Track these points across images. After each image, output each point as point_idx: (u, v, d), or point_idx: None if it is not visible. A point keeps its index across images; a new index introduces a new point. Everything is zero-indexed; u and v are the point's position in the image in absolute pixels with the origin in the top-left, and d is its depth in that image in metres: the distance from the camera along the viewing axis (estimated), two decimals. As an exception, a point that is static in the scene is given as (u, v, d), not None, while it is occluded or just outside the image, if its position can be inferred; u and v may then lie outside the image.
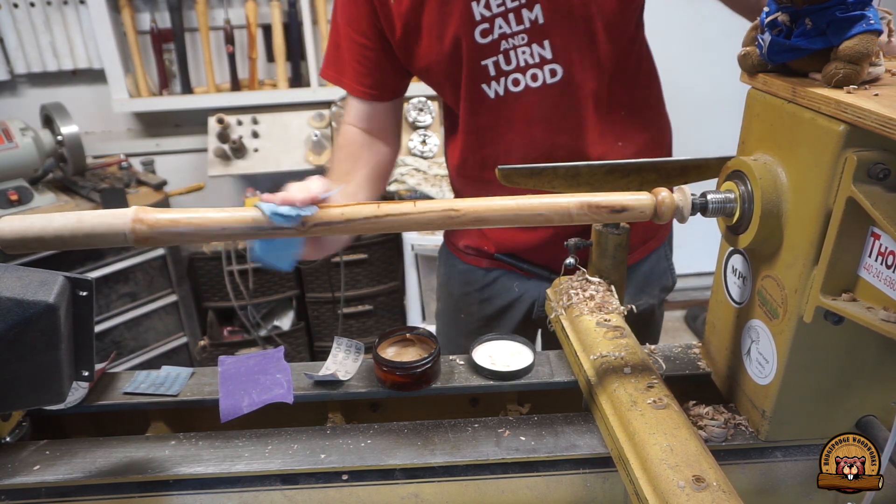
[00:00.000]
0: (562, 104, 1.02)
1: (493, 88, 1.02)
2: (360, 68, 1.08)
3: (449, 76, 1.04)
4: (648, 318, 1.25)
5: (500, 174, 0.88)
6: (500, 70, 1.01)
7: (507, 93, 1.02)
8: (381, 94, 1.11)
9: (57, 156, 1.99)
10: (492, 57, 1.00)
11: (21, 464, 0.75)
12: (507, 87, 1.02)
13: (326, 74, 1.13)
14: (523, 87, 1.01)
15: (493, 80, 1.02)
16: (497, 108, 1.04)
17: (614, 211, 0.68)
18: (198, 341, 2.37)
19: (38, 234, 0.62)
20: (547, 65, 1.00)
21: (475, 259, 1.24)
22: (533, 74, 1.00)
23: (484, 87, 1.03)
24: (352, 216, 0.68)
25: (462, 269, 1.27)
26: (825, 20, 0.60)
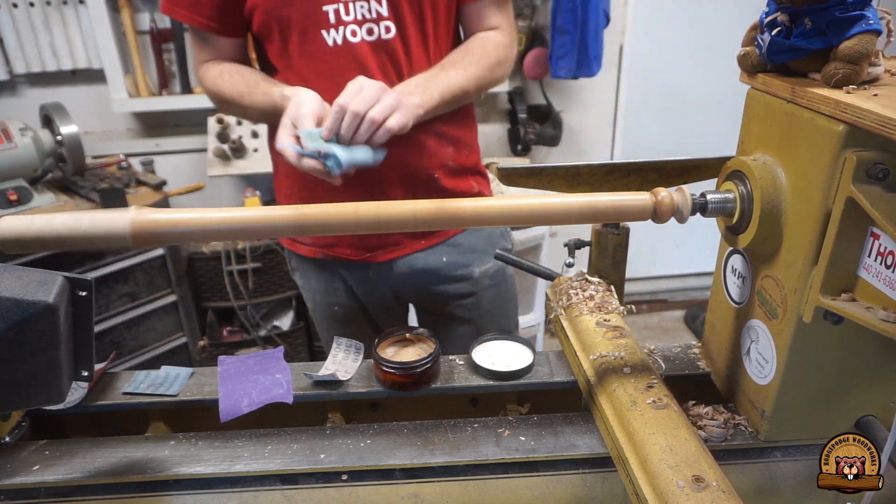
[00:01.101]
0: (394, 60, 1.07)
1: (332, 36, 1.04)
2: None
3: (279, 18, 1.04)
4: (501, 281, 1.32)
5: (500, 174, 0.88)
6: (339, 19, 1.04)
7: (346, 42, 1.05)
8: (222, 28, 1.09)
9: (56, 156, 1.99)
10: (333, 4, 1.03)
11: (21, 464, 0.75)
12: (346, 36, 1.05)
13: (163, 8, 1.10)
14: (359, 40, 1.05)
15: (333, 27, 1.04)
16: (336, 57, 1.06)
17: (614, 211, 0.68)
18: (197, 341, 2.37)
19: (37, 235, 0.62)
20: (382, 21, 1.05)
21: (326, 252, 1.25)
22: (369, 28, 1.05)
23: (324, 33, 1.04)
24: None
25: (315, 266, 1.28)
26: (825, 20, 0.60)
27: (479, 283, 1.27)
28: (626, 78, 2.73)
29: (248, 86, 1.07)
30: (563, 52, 2.35)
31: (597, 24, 2.33)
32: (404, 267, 1.23)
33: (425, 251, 1.23)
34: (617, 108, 2.79)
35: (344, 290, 1.28)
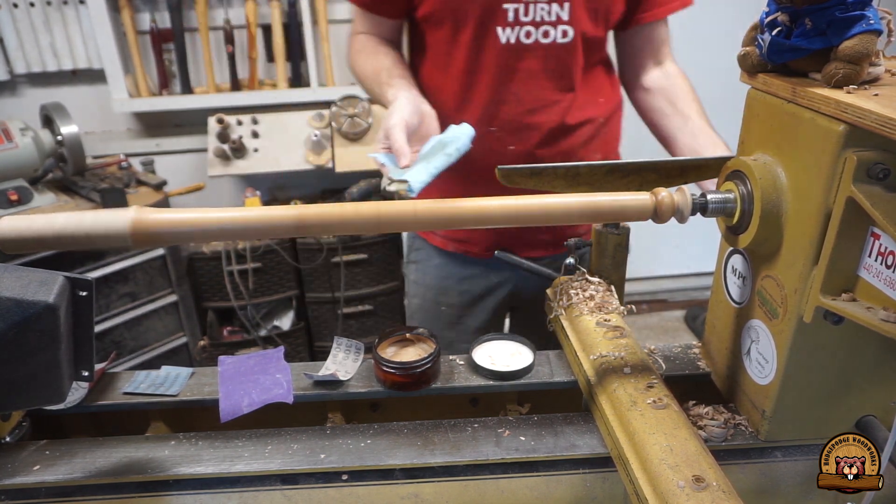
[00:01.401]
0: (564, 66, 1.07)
1: (507, 34, 1.04)
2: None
3: (455, 9, 1.04)
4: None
5: (500, 174, 0.88)
6: (517, 18, 1.03)
7: (518, 42, 1.05)
8: (385, 8, 1.11)
9: (57, 156, 1.99)
10: (514, 3, 1.02)
11: (21, 464, 0.75)
12: (520, 37, 1.04)
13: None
14: (533, 41, 1.05)
15: (510, 26, 1.03)
16: (505, 56, 1.06)
17: (614, 211, 0.68)
18: (198, 341, 2.37)
19: (37, 235, 0.62)
20: (561, 25, 1.04)
21: (457, 246, 1.26)
22: (545, 31, 1.04)
23: (499, 30, 1.04)
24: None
25: (438, 262, 1.29)
26: (825, 20, 0.60)
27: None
28: (627, 78, 2.73)
29: (375, 73, 1.08)
30: (563, 52, 2.35)
31: (597, 24, 2.33)
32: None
33: (553, 256, 1.23)
34: (617, 108, 2.79)
35: (458, 292, 1.28)
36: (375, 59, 1.10)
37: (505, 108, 1.08)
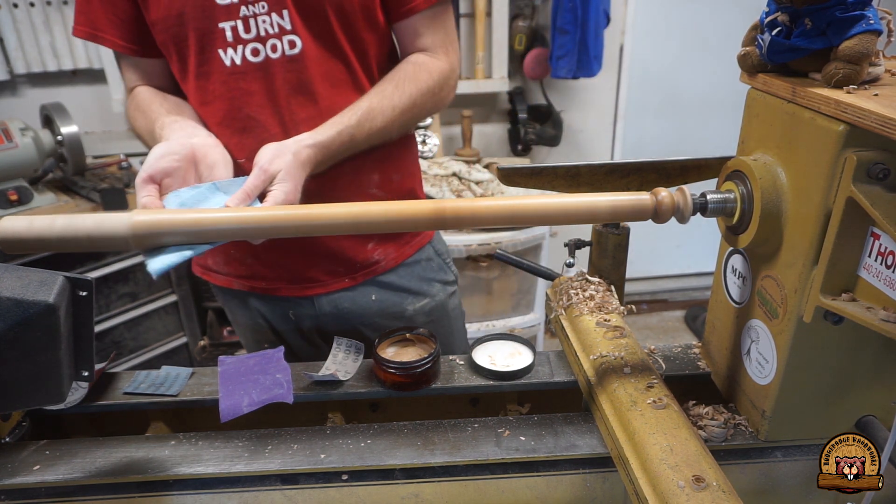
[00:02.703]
0: (303, 79, 0.97)
1: (230, 56, 0.95)
2: (115, 20, 0.97)
3: (175, 36, 0.95)
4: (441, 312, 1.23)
5: (500, 174, 0.88)
6: (237, 36, 0.94)
7: (245, 62, 0.95)
8: (144, 50, 1.00)
9: (57, 156, 1.99)
10: (230, 21, 0.93)
11: (21, 464, 0.75)
12: (245, 55, 0.95)
13: (79, 32, 0.99)
14: (262, 59, 0.95)
15: (231, 46, 0.94)
16: (235, 79, 0.96)
17: (614, 211, 0.68)
18: (198, 341, 2.37)
19: (38, 236, 0.62)
20: (286, 35, 0.94)
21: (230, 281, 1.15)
22: (273, 45, 0.94)
23: (220, 52, 0.94)
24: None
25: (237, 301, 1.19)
26: (825, 20, 0.60)
27: (413, 321, 1.18)
28: (626, 78, 2.73)
29: (150, 132, 0.96)
30: (563, 52, 2.35)
31: (597, 23, 2.33)
32: (328, 306, 1.13)
33: (352, 290, 1.13)
34: (617, 108, 2.79)
35: (267, 327, 1.18)
36: (149, 113, 0.98)
37: (250, 136, 0.98)
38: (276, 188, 0.82)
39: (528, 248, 2.32)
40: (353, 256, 1.10)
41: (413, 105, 0.99)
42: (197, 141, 0.86)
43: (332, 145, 0.91)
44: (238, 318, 1.22)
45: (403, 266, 1.16)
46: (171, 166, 0.81)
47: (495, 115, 2.69)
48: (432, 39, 1.04)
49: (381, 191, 1.09)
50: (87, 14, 0.98)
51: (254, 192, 0.80)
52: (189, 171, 0.83)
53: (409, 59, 1.03)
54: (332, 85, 0.98)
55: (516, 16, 2.48)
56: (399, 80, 0.99)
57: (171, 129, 0.90)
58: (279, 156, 0.84)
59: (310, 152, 0.88)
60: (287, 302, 1.14)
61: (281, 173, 0.83)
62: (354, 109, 0.94)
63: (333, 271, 1.11)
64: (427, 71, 1.01)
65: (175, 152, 0.82)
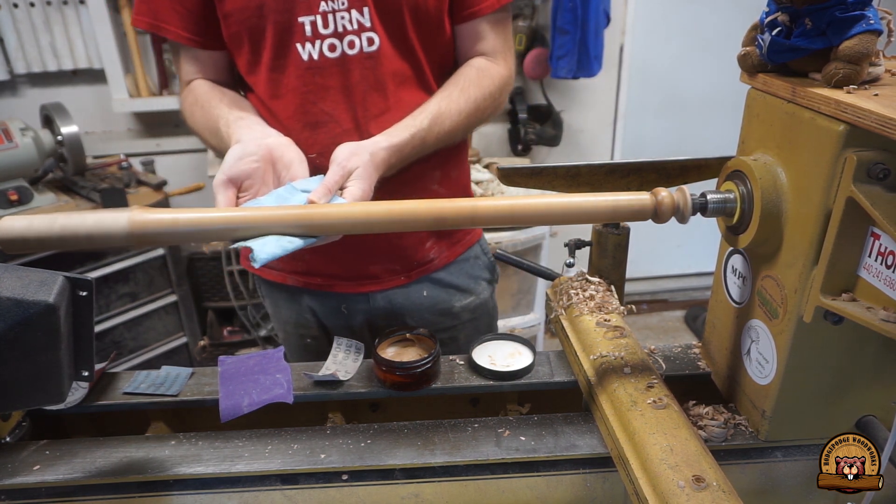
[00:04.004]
0: (378, 75, 0.98)
1: (308, 50, 0.95)
2: (181, 10, 0.97)
3: (251, 28, 0.95)
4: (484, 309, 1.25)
5: (500, 174, 0.88)
6: (316, 31, 0.94)
7: (322, 57, 0.96)
8: (207, 41, 1.00)
9: (57, 156, 1.99)
10: (309, 15, 0.94)
11: (21, 464, 0.75)
12: (323, 51, 0.95)
13: (140, 22, 0.99)
14: (339, 54, 0.96)
15: (309, 41, 0.95)
16: (311, 73, 0.97)
17: (614, 211, 0.68)
18: (198, 341, 2.37)
19: (37, 235, 0.62)
20: (365, 32, 0.95)
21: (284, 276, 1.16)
22: (350, 41, 0.95)
23: (298, 46, 0.95)
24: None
25: (285, 295, 1.19)
26: (825, 20, 0.60)
27: (459, 317, 1.20)
28: (626, 78, 2.73)
29: (213, 130, 0.96)
30: (563, 52, 2.35)
31: (597, 23, 2.33)
32: (382, 301, 1.14)
33: (406, 287, 1.14)
34: (617, 108, 2.79)
35: (315, 323, 1.19)
36: (211, 110, 0.97)
37: (323, 131, 0.99)
38: (351, 185, 0.83)
39: (528, 248, 2.32)
40: (411, 254, 1.12)
41: (477, 109, 1.01)
42: (272, 141, 0.86)
43: (406, 148, 0.92)
44: (283, 314, 1.21)
45: (455, 263, 1.18)
46: (250, 167, 0.81)
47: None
48: (493, 44, 1.06)
49: (442, 187, 1.11)
50: (150, 4, 0.97)
51: (334, 188, 0.81)
52: (267, 172, 0.84)
53: (472, 64, 1.05)
54: (401, 83, 1.00)
55: (516, 16, 2.48)
56: (464, 85, 1.01)
57: (237, 126, 0.90)
58: (357, 154, 0.85)
59: (385, 154, 0.89)
60: (341, 297, 1.15)
61: (358, 170, 0.84)
62: (424, 112, 0.96)
63: (391, 269, 1.12)
64: (489, 76, 1.04)
65: (252, 153, 0.82)
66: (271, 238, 0.68)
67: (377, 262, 1.11)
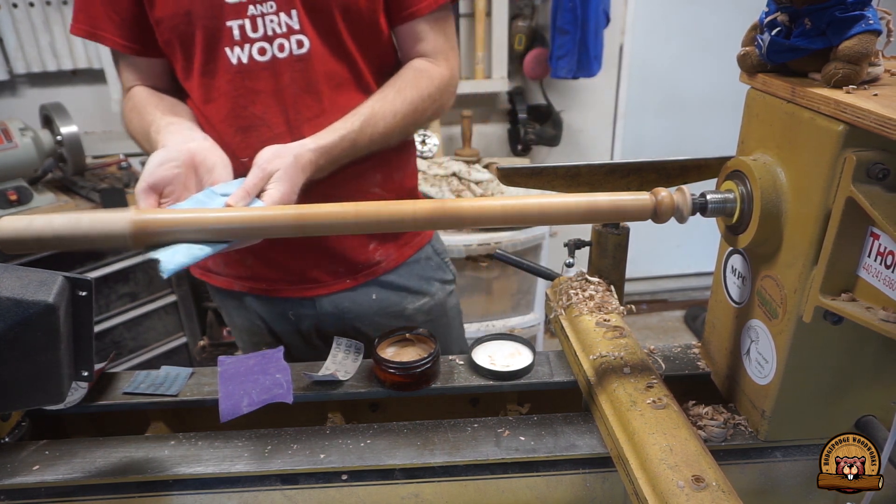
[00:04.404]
0: (310, 78, 0.97)
1: (237, 54, 0.94)
2: (116, 18, 0.96)
3: (181, 35, 0.94)
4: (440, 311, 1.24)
5: (500, 174, 0.88)
6: (245, 35, 0.94)
7: (252, 61, 0.95)
8: (144, 49, 0.99)
9: (56, 156, 1.99)
10: (237, 20, 0.93)
11: (21, 464, 0.75)
12: (252, 55, 0.95)
13: (78, 30, 0.98)
14: (269, 58, 0.95)
15: (238, 45, 0.94)
16: (241, 78, 0.96)
17: (614, 211, 0.68)
18: (197, 341, 2.37)
19: (37, 235, 0.62)
20: (294, 35, 0.95)
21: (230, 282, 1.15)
22: (280, 45, 0.95)
23: (227, 51, 0.94)
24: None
25: (235, 302, 1.18)
26: (824, 20, 0.60)
27: (413, 319, 1.18)
28: (626, 78, 2.73)
29: (145, 135, 0.95)
30: (563, 52, 2.35)
31: (597, 23, 2.33)
32: (329, 306, 1.13)
33: (353, 290, 1.13)
34: (617, 108, 2.79)
35: (265, 329, 1.18)
36: (144, 115, 0.97)
37: (254, 134, 0.98)
38: (271, 187, 0.82)
39: (528, 248, 2.32)
40: (355, 257, 1.10)
41: (414, 111, 1.00)
42: (194, 145, 0.85)
43: (335, 150, 0.91)
44: (235, 321, 1.21)
45: (404, 265, 1.16)
46: (171, 173, 0.80)
47: (495, 115, 2.69)
48: (433, 45, 1.04)
49: (382, 190, 1.09)
50: (87, 12, 0.97)
51: (253, 191, 0.80)
52: (189, 177, 0.83)
53: (411, 65, 1.04)
54: (336, 85, 0.99)
55: (516, 16, 2.48)
56: (400, 86, 0.99)
57: (167, 132, 0.89)
58: (279, 156, 0.84)
59: (311, 156, 0.88)
60: (287, 303, 1.14)
61: (279, 173, 0.83)
62: (357, 114, 0.95)
63: (335, 272, 1.11)
64: (428, 77, 1.02)
65: (173, 159, 0.81)
66: (182, 246, 0.67)
67: (320, 265, 1.10)
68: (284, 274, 1.11)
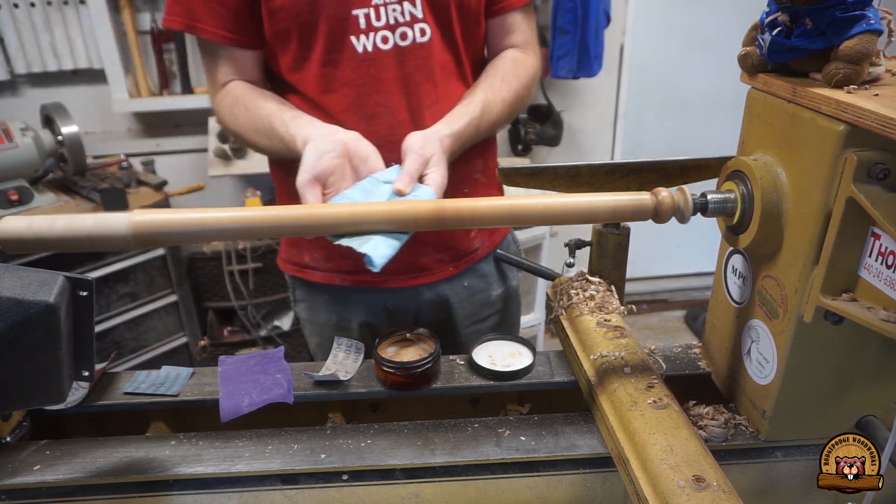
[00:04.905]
0: (428, 67, 0.99)
1: (362, 43, 0.95)
2: (219, 9, 0.96)
3: (301, 23, 0.94)
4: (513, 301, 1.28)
5: (500, 174, 0.88)
6: (370, 24, 0.95)
7: (376, 49, 0.96)
8: (245, 39, 0.99)
9: (57, 156, 1.99)
10: (363, 8, 0.94)
11: (21, 464, 0.75)
12: (377, 43, 0.96)
13: (173, 22, 0.97)
14: (391, 46, 0.97)
15: (363, 33, 0.95)
16: (366, 66, 0.97)
17: (614, 211, 0.68)
18: (198, 341, 2.37)
19: (38, 235, 0.62)
20: (417, 24, 0.97)
21: (330, 276, 1.14)
22: (402, 33, 0.97)
23: (352, 39, 0.95)
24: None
25: (327, 297, 1.17)
26: (825, 20, 0.60)
27: (494, 305, 1.23)
28: (626, 78, 2.73)
29: (266, 127, 0.95)
30: (563, 52, 2.35)
31: (597, 23, 2.33)
32: (430, 294, 1.15)
33: (452, 278, 1.15)
34: (617, 108, 2.79)
35: (357, 326, 1.17)
36: (256, 110, 0.96)
37: (378, 122, 0.99)
38: (432, 171, 0.85)
39: (528, 248, 2.32)
40: (458, 244, 1.14)
41: (517, 98, 1.04)
42: (344, 136, 0.86)
43: (464, 135, 0.95)
44: (321, 317, 1.19)
45: (491, 253, 1.20)
46: (331, 164, 0.82)
47: (495, 115, 2.69)
48: (524, 37, 1.09)
49: (483, 176, 1.14)
50: (184, 4, 0.96)
51: (416, 175, 0.83)
52: (346, 167, 0.84)
53: (506, 56, 1.07)
54: (447, 74, 1.03)
55: (516, 16, 2.48)
56: (504, 75, 1.03)
57: (296, 125, 0.90)
58: (429, 142, 0.87)
59: (449, 142, 0.91)
60: (390, 293, 1.15)
61: (434, 157, 0.86)
62: (475, 101, 0.98)
63: (440, 259, 1.13)
64: (525, 67, 1.07)
65: (331, 150, 0.83)
66: (378, 238, 0.68)
67: (427, 253, 1.12)
68: (393, 264, 1.10)
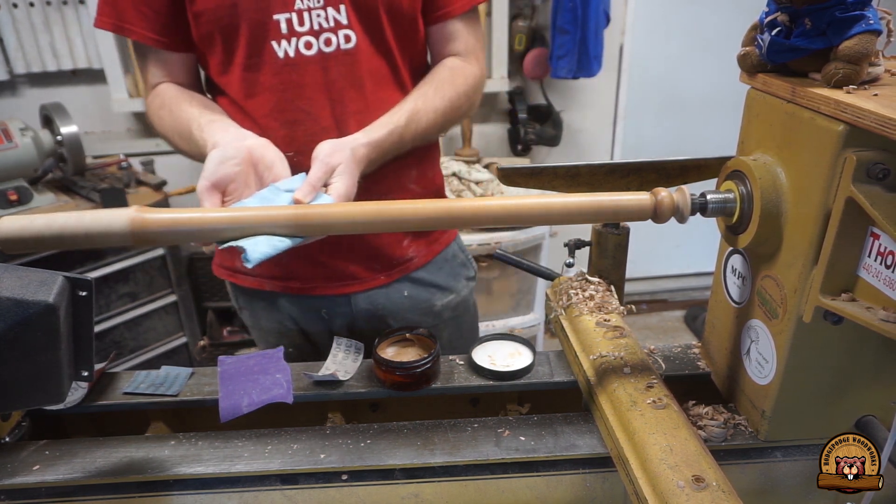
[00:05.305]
0: (355, 73, 0.98)
1: (283, 48, 0.94)
2: (147, 11, 0.95)
3: (224, 27, 0.94)
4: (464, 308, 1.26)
5: (500, 174, 0.88)
6: (292, 29, 0.94)
7: (298, 55, 0.95)
8: (174, 43, 0.98)
9: (56, 156, 1.99)
10: (284, 13, 0.93)
11: (21, 464, 0.75)
12: (299, 48, 0.95)
13: (103, 23, 0.97)
14: (315, 52, 0.95)
15: (285, 38, 0.94)
16: (287, 72, 0.96)
17: (614, 211, 0.68)
18: (198, 341, 2.37)
19: (37, 234, 0.62)
20: (342, 30, 0.96)
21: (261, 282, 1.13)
22: (327, 39, 0.95)
23: (273, 44, 0.94)
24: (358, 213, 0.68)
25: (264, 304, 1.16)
26: (825, 20, 0.60)
27: (440, 316, 1.20)
28: (626, 78, 2.73)
29: (183, 131, 0.94)
30: (563, 52, 2.35)
31: (597, 23, 2.33)
32: (364, 303, 1.13)
33: (387, 287, 1.14)
34: (617, 108, 2.79)
35: (296, 330, 1.17)
36: (180, 113, 0.96)
37: (301, 128, 0.98)
38: (336, 181, 0.83)
39: (528, 248, 2.32)
40: (390, 253, 1.12)
41: (451, 108, 1.02)
42: (251, 142, 0.85)
43: (384, 144, 0.93)
44: (262, 323, 1.19)
45: (433, 262, 1.18)
46: (233, 171, 0.80)
47: (495, 115, 2.69)
48: (465, 44, 1.06)
49: (418, 186, 1.11)
50: (113, 5, 0.96)
51: (318, 184, 0.81)
52: (249, 174, 0.83)
53: (445, 64, 1.06)
54: (378, 81, 1.01)
55: (516, 16, 2.48)
56: (438, 84, 1.01)
57: (211, 129, 0.89)
58: (338, 150, 0.85)
59: (365, 151, 0.89)
60: (322, 300, 1.14)
61: (341, 166, 0.84)
62: (401, 110, 0.96)
63: (371, 268, 1.12)
64: (463, 75, 1.04)
65: (233, 157, 0.81)
66: (262, 238, 0.67)
67: (357, 261, 1.10)
68: (321, 271, 1.11)
